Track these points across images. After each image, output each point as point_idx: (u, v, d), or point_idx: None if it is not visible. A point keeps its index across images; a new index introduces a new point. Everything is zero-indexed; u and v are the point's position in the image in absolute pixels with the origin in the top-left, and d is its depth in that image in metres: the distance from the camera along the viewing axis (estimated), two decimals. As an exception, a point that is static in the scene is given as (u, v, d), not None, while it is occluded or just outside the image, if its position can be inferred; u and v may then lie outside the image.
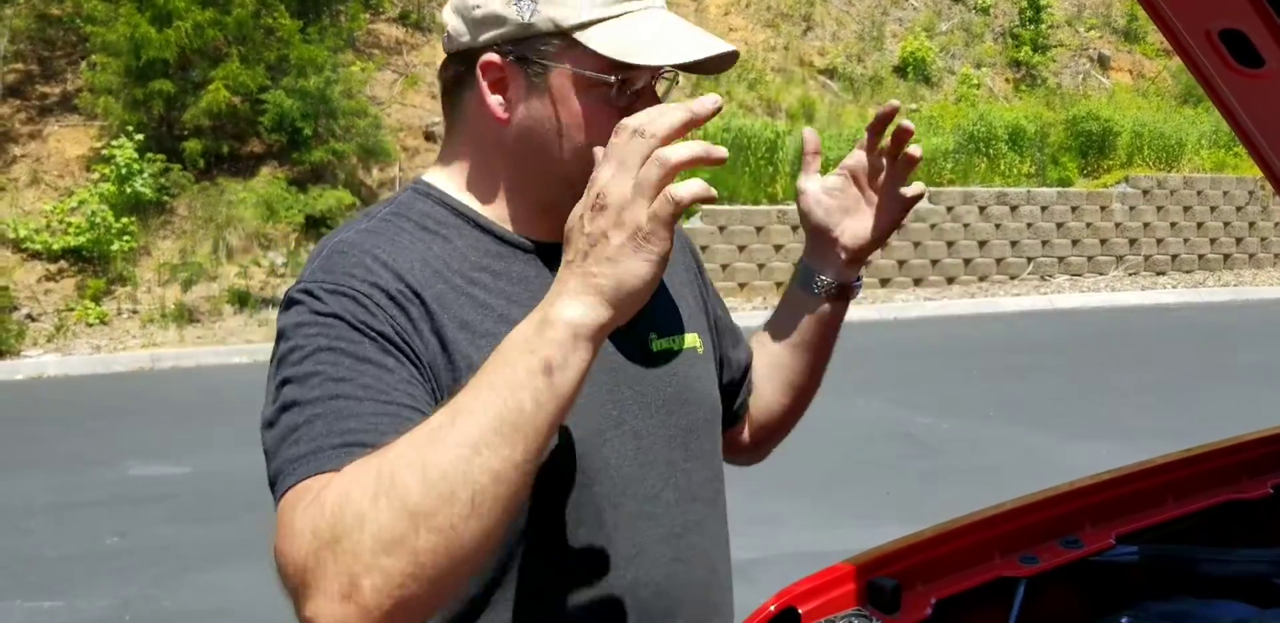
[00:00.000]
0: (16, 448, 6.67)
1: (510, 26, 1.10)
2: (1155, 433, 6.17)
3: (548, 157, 1.13)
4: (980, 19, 17.14)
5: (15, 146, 11.67)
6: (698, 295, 1.33)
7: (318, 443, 0.94)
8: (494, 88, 1.12)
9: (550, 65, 1.10)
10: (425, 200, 1.16)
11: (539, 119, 1.11)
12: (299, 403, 0.98)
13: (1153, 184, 14.23)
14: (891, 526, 3.14)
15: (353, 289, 1.03)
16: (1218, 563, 1.65)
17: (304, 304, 1.03)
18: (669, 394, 1.19)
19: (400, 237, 1.11)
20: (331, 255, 1.08)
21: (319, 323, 1.01)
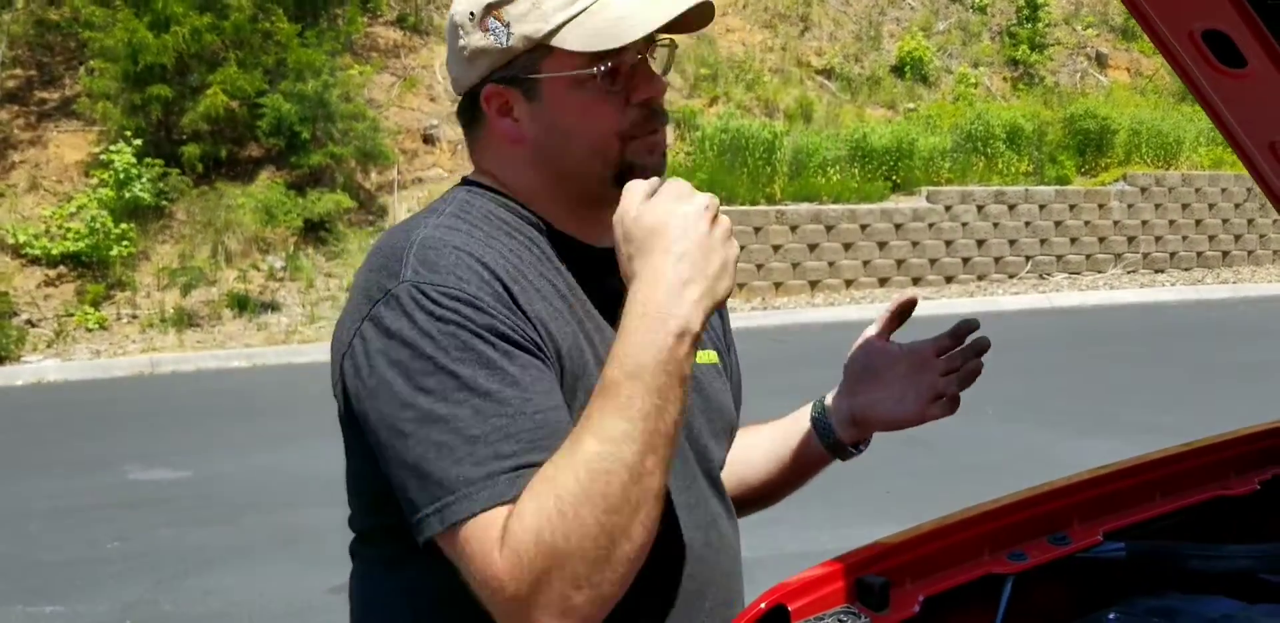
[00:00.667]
0: (17, 453, 6.68)
1: (494, 55, 1.16)
2: (1155, 430, 6.18)
3: (570, 161, 1.18)
4: (977, 18, 17.16)
5: (14, 152, 11.70)
6: (718, 319, 1.38)
7: (488, 468, 0.98)
8: (501, 113, 1.19)
9: (538, 78, 1.15)
10: (482, 198, 1.21)
11: (547, 129, 1.17)
12: (445, 420, 1.00)
13: (1151, 182, 14.25)
14: (891, 524, 3.14)
15: (464, 292, 1.05)
16: (1205, 559, 1.65)
17: (418, 305, 1.04)
18: (695, 398, 1.22)
19: (475, 232, 1.14)
20: (426, 252, 1.09)
21: (444, 331, 1.03)
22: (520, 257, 1.15)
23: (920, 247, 12.98)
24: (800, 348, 9.69)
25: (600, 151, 1.17)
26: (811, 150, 13.07)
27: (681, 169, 12.53)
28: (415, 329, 1.03)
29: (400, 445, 1.01)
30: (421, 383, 1.01)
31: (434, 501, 0.98)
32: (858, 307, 11.91)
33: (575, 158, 1.18)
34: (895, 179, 13.30)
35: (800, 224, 12.42)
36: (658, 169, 1.19)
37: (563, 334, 1.12)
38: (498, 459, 0.98)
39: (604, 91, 1.15)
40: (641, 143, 1.18)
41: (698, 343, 1.01)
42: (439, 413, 1.00)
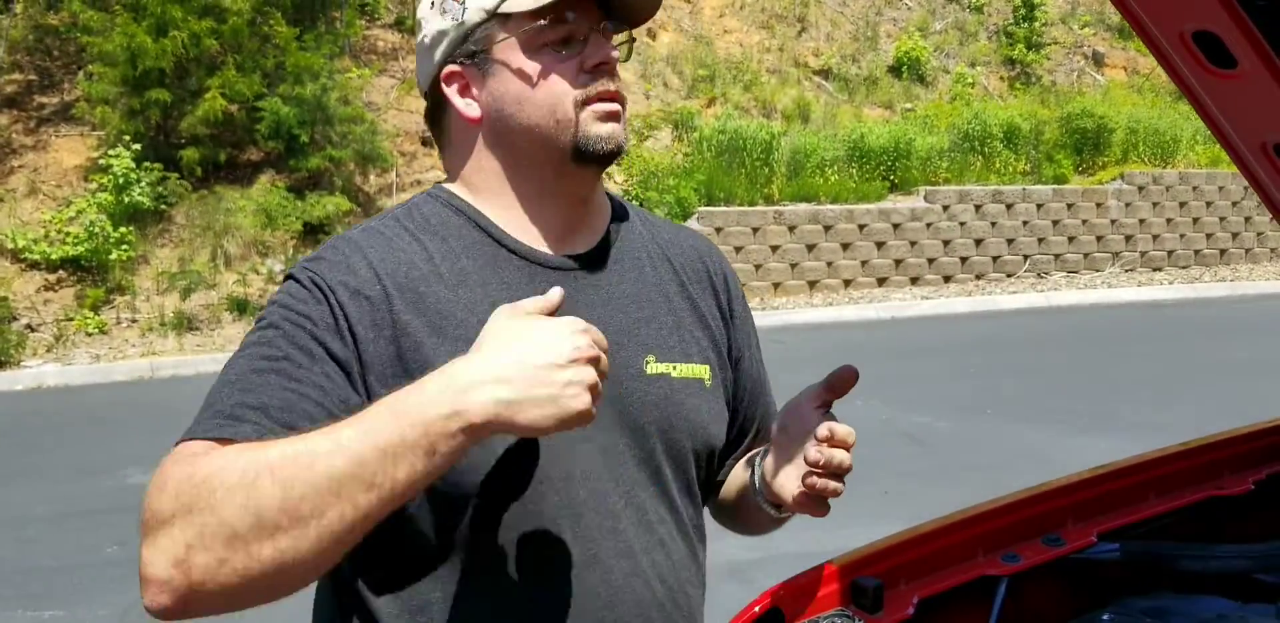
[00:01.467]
0: (16, 458, 6.69)
1: (451, 33, 1.19)
2: (1154, 428, 6.19)
3: (521, 129, 1.17)
4: (974, 18, 17.16)
5: (13, 157, 11.70)
6: (724, 333, 1.31)
7: (217, 408, 1.04)
8: (462, 93, 1.19)
9: (490, 47, 1.17)
10: (433, 203, 1.22)
11: (499, 98, 1.17)
12: (226, 373, 1.08)
13: (1148, 180, 14.25)
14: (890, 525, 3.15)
15: (324, 282, 1.11)
16: (1199, 559, 1.66)
17: (289, 284, 1.13)
18: (654, 417, 1.19)
19: (399, 237, 1.16)
20: (327, 246, 1.16)
21: (280, 305, 1.11)
22: (437, 265, 1.14)
23: (918, 246, 12.98)
24: (799, 348, 9.70)
25: (553, 117, 1.15)
26: (809, 151, 13.07)
27: (680, 170, 12.54)
28: (274, 297, 1.13)
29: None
30: (248, 337, 1.11)
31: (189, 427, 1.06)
32: (856, 307, 11.91)
33: (530, 124, 1.16)
34: (893, 179, 13.30)
35: (798, 224, 12.42)
36: (618, 139, 1.17)
37: (433, 349, 1.08)
38: (230, 406, 1.04)
39: (554, 55, 1.15)
40: (596, 109, 1.16)
41: (471, 435, 0.94)
42: (227, 368, 1.09)
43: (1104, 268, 13.92)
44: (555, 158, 1.17)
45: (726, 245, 12.11)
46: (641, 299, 1.23)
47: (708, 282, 1.32)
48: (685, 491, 1.24)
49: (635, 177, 12.57)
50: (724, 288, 1.34)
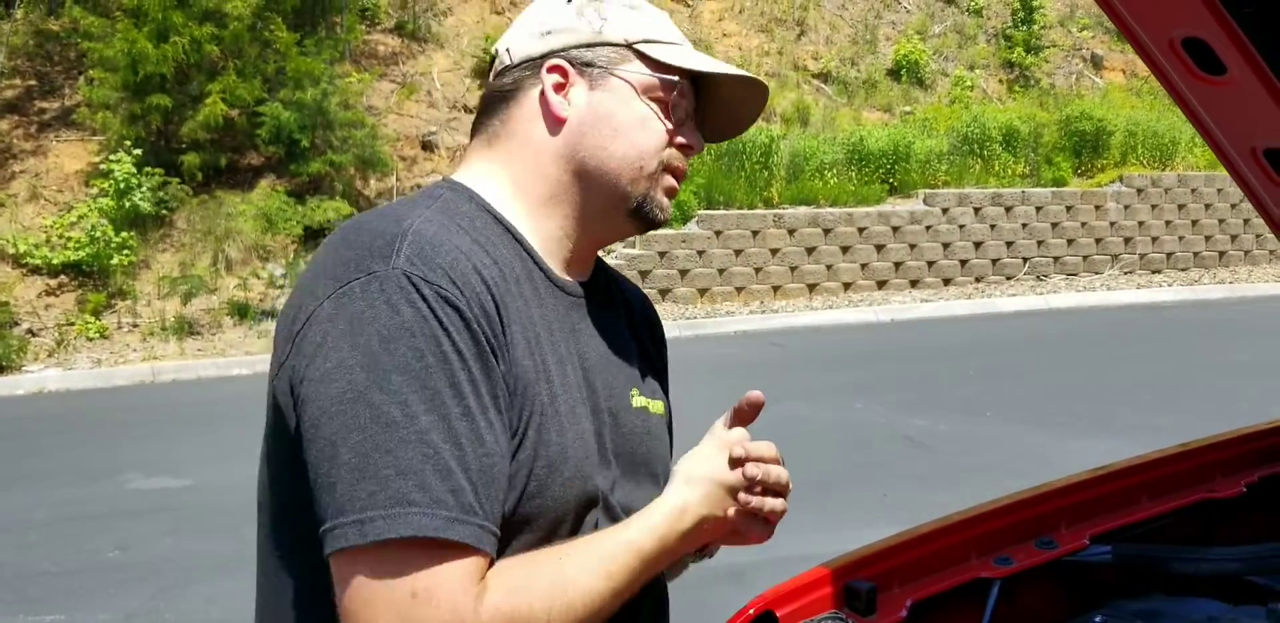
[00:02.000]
0: (17, 462, 6.70)
1: (580, 34, 1.16)
2: (1153, 430, 6.19)
3: (602, 156, 1.15)
4: (973, 21, 17.19)
5: (14, 162, 11.72)
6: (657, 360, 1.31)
7: (433, 495, 0.92)
8: (557, 89, 1.15)
9: (615, 70, 1.16)
10: (469, 204, 1.12)
11: (602, 116, 1.15)
12: (398, 425, 0.92)
13: (1147, 183, 14.26)
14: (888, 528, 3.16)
15: (456, 299, 0.98)
16: (1191, 562, 1.67)
17: (405, 297, 0.96)
18: (641, 449, 1.20)
19: (463, 236, 1.06)
20: (422, 244, 1.00)
21: (426, 333, 0.95)
22: (503, 271, 1.07)
23: (918, 249, 13.00)
24: (799, 351, 9.71)
25: (640, 160, 1.15)
26: (809, 154, 13.09)
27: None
28: (397, 320, 0.94)
29: (344, 440, 0.92)
30: (388, 379, 0.93)
31: (366, 509, 0.90)
32: (856, 310, 11.92)
33: (614, 155, 1.15)
34: (892, 182, 13.31)
35: (798, 227, 12.44)
36: (667, 213, 1.20)
37: (523, 364, 1.05)
38: (450, 493, 0.92)
39: (664, 115, 1.16)
40: (669, 180, 1.18)
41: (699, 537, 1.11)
42: (393, 416, 0.92)
43: (1103, 270, 13.93)
44: (615, 201, 1.16)
45: (726, 249, 12.13)
46: (625, 335, 1.24)
47: (649, 327, 1.33)
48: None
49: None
50: (658, 337, 1.35)
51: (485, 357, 0.99)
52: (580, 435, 1.10)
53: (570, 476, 1.07)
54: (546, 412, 1.05)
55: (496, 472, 0.96)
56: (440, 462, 0.92)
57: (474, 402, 0.96)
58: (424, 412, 0.93)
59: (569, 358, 1.12)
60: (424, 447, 0.92)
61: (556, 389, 1.08)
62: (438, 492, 0.91)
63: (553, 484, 1.05)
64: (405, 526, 0.90)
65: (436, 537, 0.90)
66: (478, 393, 0.97)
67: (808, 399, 7.43)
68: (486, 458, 0.95)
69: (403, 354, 0.94)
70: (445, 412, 0.94)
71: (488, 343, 1.00)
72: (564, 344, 1.12)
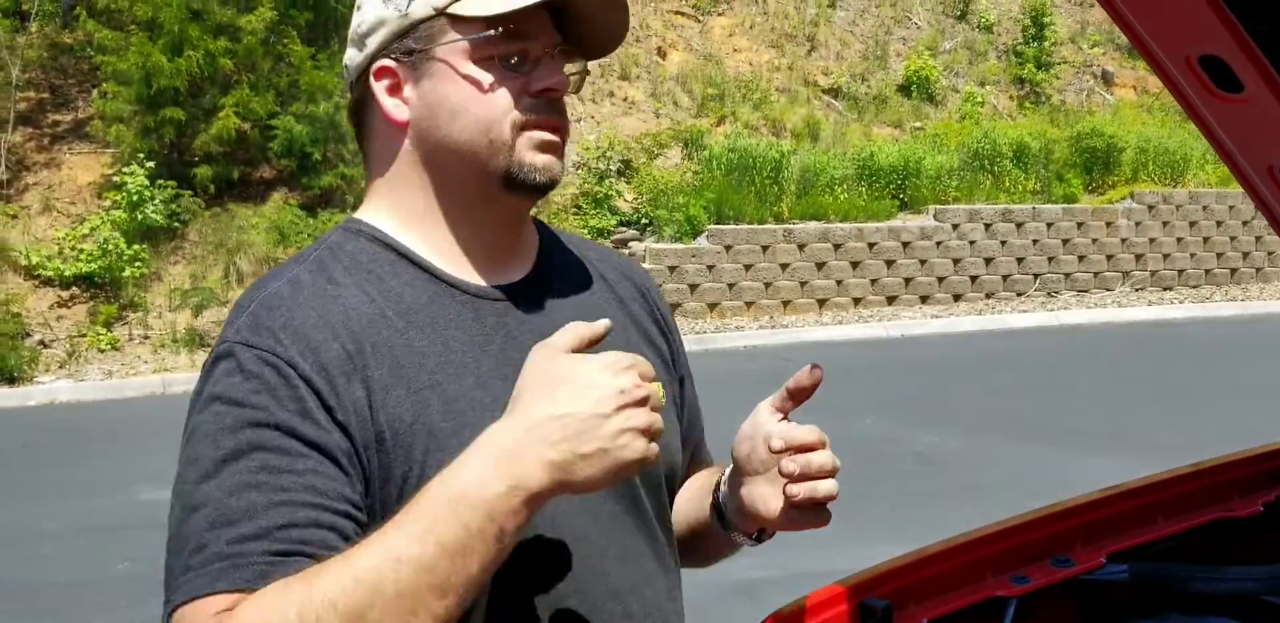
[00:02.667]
0: (29, 474, 6.71)
1: (391, 23, 1.08)
2: (1164, 448, 6.16)
3: (450, 145, 1.08)
4: (984, 37, 17.22)
5: (28, 174, 11.79)
6: (664, 348, 1.25)
7: (210, 551, 0.91)
8: (391, 93, 1.09)
9: (431, 48, 1.07)
10: (356, 239, 1.11)
11: (434, 103, 1.08)
12: (190, 498, 0.95)
13: (1158, 199, 14.24)
14: (898, 544, 3.15)
15: (278, 358, 0.98)
16: (1208, 581, 1.66)
17: (229, 367, 0.98)
18: None
19: (331, 284, 1.05)
20: (258, 312, 1.02)
21: (226, 401, 0.97)
22: (383, 309, 1.04)
23: (928, 265, 12.99)
24: (809, 367, 9.68)
25: (488, 133, 1.06)
26: (819, 169, 13.10)
27: (689, 188, 12.59)
28: (213, 390, 0.98)
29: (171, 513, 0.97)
30: (192, 449, 0.97)
31: (169, 581, 0.93)
32: (865, 325, 11.91)
33: (458, 142, 1.07)
34: (902, 198, 13.32)
35: (808, 242, 12.44)
36: (552, 171, 1.09)
37: (400, 404, 1.00)
38: (231, 543, 0.90)
39: (501, 71, 1.06)
40: (534, 136, 1.07)
41: (533, 505, 0.89)
42: (200, 487, 0.95)
43: (1114, 287, 13.90)
44: (484, 181, 1.08)
45: (736, 263, 12.13)
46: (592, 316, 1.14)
47: (640, 299, 1.26)
48: (660, 517, 1.18)
49: (645, 194, 12.61)
50: (656, 304, 1.28)
51: (308, 411, 0.96)
52: None
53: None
54: (448, 444, 0.98)
55: (297, 517, 0.92)
56: (224, 517, 0.92)
57: (276, 458, 0.94)
58: (211, 475, 0.95)
59: (498, 370, 1.05)
60: (207, 509, 0.93)
61: (468, 416, 1.01)
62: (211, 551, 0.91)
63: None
64: (174, 595, 0.92)
65: (181, 600, 0.91)
66: (284, 449, 0.95)
67: (817, 414, 7.38)
68: (280, 507, 0.92)
69: (207, 421, 0.97)
70: (237, 469, 0.94)
71: (320, 396, 0.97)
72: (492, 357, 1.07)
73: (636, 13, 15.38)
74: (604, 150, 12.82)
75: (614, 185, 12.58)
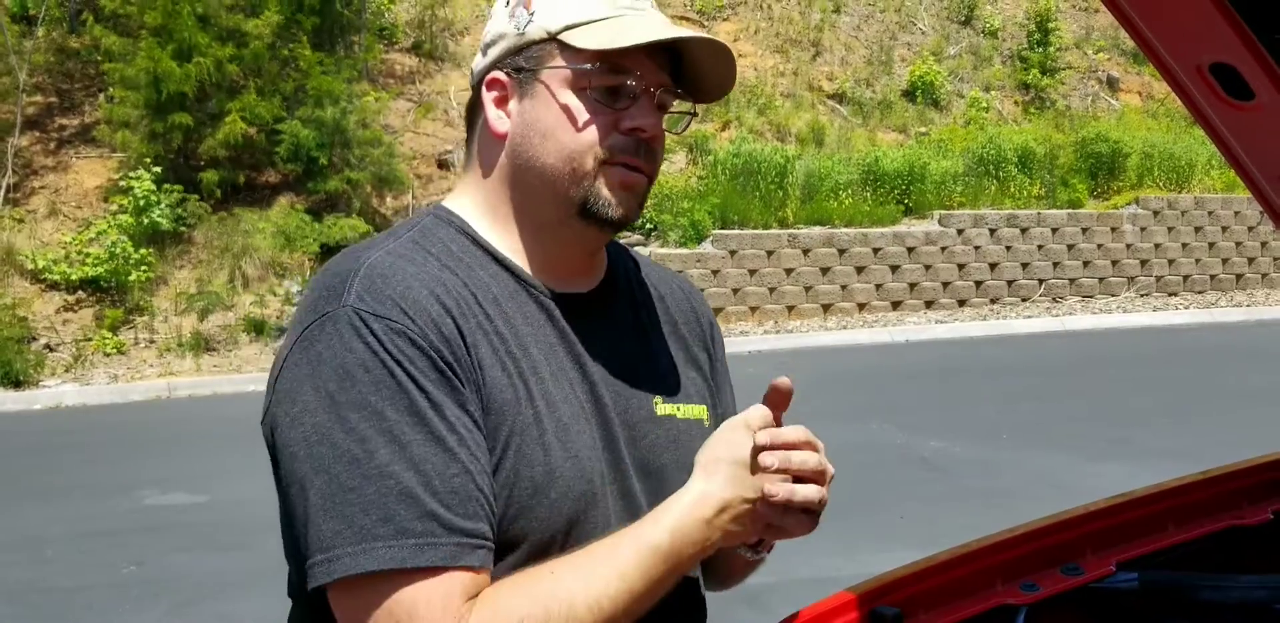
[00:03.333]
0: (34, 477, 6.72)
1: (509, 40, 1.14)
2: (1169, 455, 6.15)
3: (537, 165, 1.11)
4: (988, 42, 17.23)
5: (34, 178, 11.82)
6: (709, 374, 1.30)
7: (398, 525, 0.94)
8: (498, 104, 1.14)
9: (537, 69, 1.12)
10: (447, 228, 1.14)
11: (529, 123, 1.12)
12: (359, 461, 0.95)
13: (1163, 205, 14.23)
14: (905, 550, 3.14)
15: (408, 328, 1.00)
16: (1218, 590, 1.66)
17: (356, 333, 0.98)
18: (666, 460, 1.17)
19: (429, 264, 1.08)
20: (373, 278, 1.03)
21: (378, 366, 0.98)
22: (474, 293, 1.08)
23: (933, 270, 12.98)
24: (813, 372, 9.69)
25: (571, 165, 1.10)
26: (823, 174, 13.11)
27: (694, 193, 12.59)
28: (349, 358, 0.98)
29: (311, 481, 0.96)
30: (346, 418, 0.96)
31: (333, 547, 0.94)
32: (870, 330, 11.90)
33: (545, 163, 1.11)
34: (907, 203, 13.32)
35: (813, 248, 12.44)
36: (628, 209, 1.12)
37: (498, 385, 1.05)
38: (418, 519, 0.94)
39: (595, 103, 1.10)
40: (616, 172, 1.11)
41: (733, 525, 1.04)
42: (354, 454, 0.95)
43: (1119, 292, 13.88)
44: (561, 206, 1.12)
45: (740, 268, 12.13)
46: (643, 340, 1.22)
47: (696, 324, 1.30)
48: None
49: (650, 199, 12.60)
50: (710, 333, 1.32)
51: (447, 380, 1.00)
52: (574, 455, 1.07)
53: (558, 497, 1.05)
54: (528, 432, 1.04)
55: (474, 488, 0.97)
56: (405, 491, 0.95)
57: (439, 424, 0.98)
58: (383, 445, 0.95)
59: (565, 372, 1.11)
60: (385, 480, 0.95)
61: (541, 409, 1.06)
62: (403, 521, 0.94)
63: (538, 506, 1.04)
64: (370, 560, 0.93)
65: (403, 567, 0.93)
66: (442, 415, 0.98)
67: (822, 420, 7.39)
68: (458, 477, 0.97)
69: (358, 391, 0.97)
70: (405, 440, 0.96)
71: (448, 366, 1.01)
72: (560, 359, 1.11)
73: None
74: (609, 155, 12.82)
75: (619, 190, 12.58)
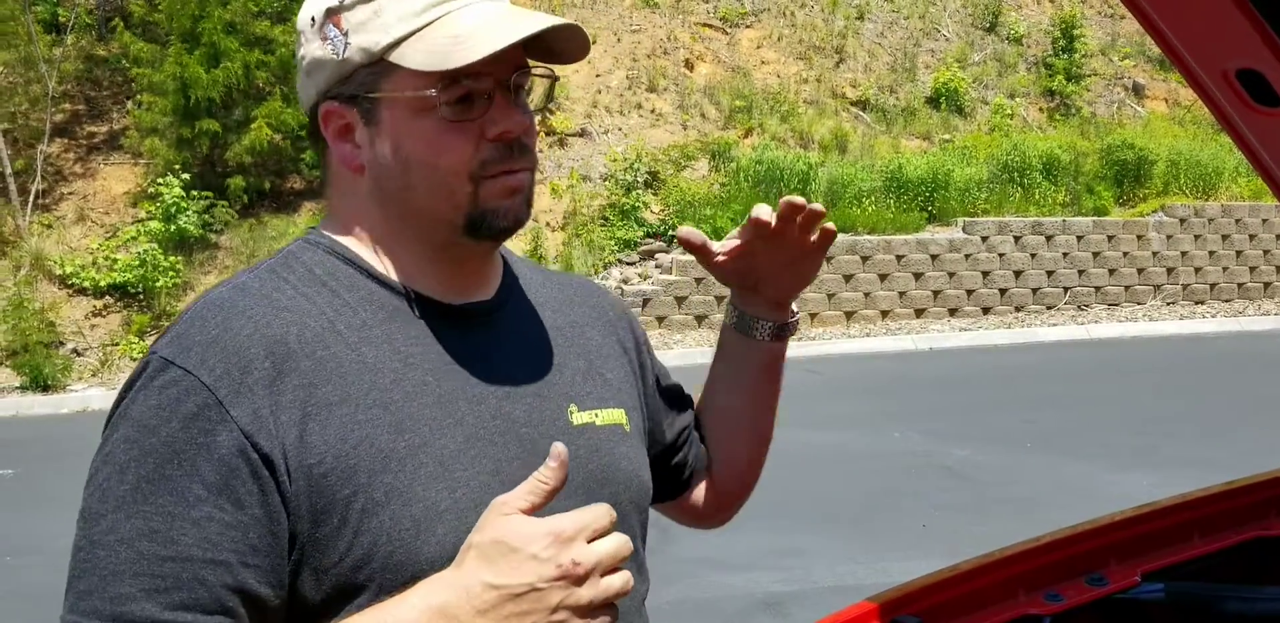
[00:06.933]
0: (60, 482, 6.77)
1: (330, 67, 1.03)
2: (1195, 464, 6.10)
3: (408, 196, 1.03)
4: (1013, 49, 17.15)
5: (63, 185, 11.95)
6: (629, 371, 1.23)
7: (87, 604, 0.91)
8: (341, 136, 1.05)
9: (376, 97, 1.02)
10: (315, 250, 1.07)
11: (384, 158, 1.03)
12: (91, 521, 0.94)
13: (1189, 212, 14.11)
14: (928, 559, 3.13)
15: (198, 381, 0.93)
16: (1244, 601, 1.64)
17: (145, 385, 0.95)
18: (591, 471, 1.09)
19: (280, 292, 1.02)
20: (192, 322, 0.98)
21: (154, 428, 0.93)
22: (333, 322, 1.00)
23: (957, 278, 12.92)
24: (836, 379, 9.65)
25: (446, 191, 1.02)
26: (846, 181, 13.08)
27: (716, 199, 12.59)
28: (132, 408, 0.95)
29: (78, 523, 0.96)
30: (96, 470, 0.95)
31: (67, 594, 0.94)
32: (894, 338, 11.85)
33: (417, 194, 1.03)
34: (931, 210, 13.27)
35: (835, 255, 12.40)
36: (515, 215, 1.05)
37: (343, 424, 0.96)
38: (115, 601, 0.90)
39: (450, 122, 1.00)
40: (496, 183, 1.03)
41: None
42: (91, 510, 0.95)
43: (1145, 301, 13.78)
44: (447, 228, 1.04)
45: (763, 275, 12.09)
46: (550, 346, 1.14)
47: (604, 320, 1.24)
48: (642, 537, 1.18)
49: (672, 206, 12.63)
50: (622, 324, 1.27)
51: (214, 447, 0.92)
52: (463, 484, 0.99)
53: (446, 532, 0.97)
54: (400, 469, 0.96)
55: (186, 578, 0.90)
56: (110, 565, 0.92)
57: (174, 503, 0.91)
58: (111, 509, 0.93)
59: (464, 391, 1.04)
60: (99, 549, 0.92)
61: (417, 440, 0.98)
62: (90, 602, 0.91)
63: (424, 545, 0.96)
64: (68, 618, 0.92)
65: None
66: (182, 493, 0.91)
67: (845, 427, 7.38)
68: (171, 563, 0.90)
69: (119, 445, 0.94)
70: (133, 510, 0.92)
71: (236, 423, 0.93)
72: (456, 377, 1.04)
73: (664, 25, 15.44)
74: (631, 162, 12.85)
75: (641, 197, 12.61)
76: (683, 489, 1.36)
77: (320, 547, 0.95)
